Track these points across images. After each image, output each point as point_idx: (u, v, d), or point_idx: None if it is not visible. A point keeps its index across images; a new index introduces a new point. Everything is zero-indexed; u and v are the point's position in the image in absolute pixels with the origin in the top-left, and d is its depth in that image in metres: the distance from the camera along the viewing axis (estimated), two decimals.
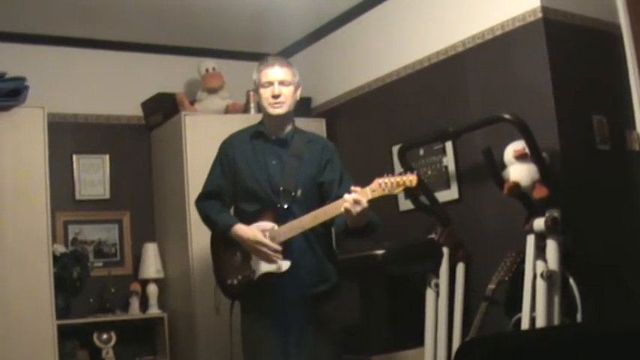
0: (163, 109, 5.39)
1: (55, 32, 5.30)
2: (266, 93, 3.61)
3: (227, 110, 5.44)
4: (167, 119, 5.37)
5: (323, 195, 3.59)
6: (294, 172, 3.60)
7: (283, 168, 3.61)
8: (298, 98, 3.74)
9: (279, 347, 3.55)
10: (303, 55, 5.90)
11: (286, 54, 5.89)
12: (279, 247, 3.48)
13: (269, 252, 3.47)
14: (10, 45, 5.12)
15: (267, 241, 3.47)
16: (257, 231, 3.51)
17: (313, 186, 3.61)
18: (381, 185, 3.27)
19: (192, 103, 5.45)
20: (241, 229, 3.55)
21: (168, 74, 5.69)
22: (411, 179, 3.24)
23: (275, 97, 3.58)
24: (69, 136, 5.34)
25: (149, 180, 5.63)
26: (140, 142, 5.61)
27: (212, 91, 5.49)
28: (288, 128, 3.71)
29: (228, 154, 3.73)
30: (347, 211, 3.28)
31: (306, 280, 3.55)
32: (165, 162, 5.44)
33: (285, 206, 3.55)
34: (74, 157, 5.37)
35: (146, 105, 5.53)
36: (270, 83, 3.60)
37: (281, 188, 3.56)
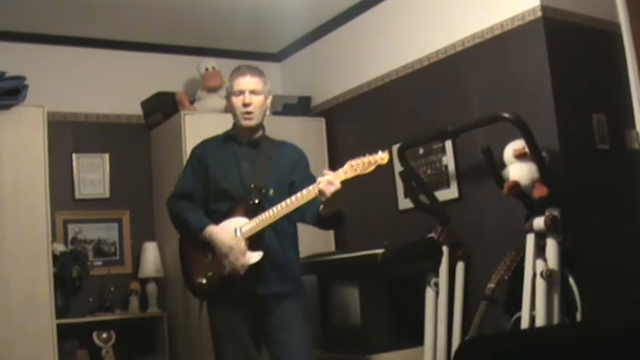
0: (163, 108, 5.39)
1: (54, 31, 5.30)
2: (237, 102, 3.71)
3: (226, 109, 5.43)
4: (167, 118, 5.37)
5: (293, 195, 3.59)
6: (265, 171, 3.68)
7: (254, 168, 3.68)
8: (269, 106, 3.86)
9: (250, 344, 3.61)
10: (302, 54, 5.89)
11: (285, 53, 5.90)
12: (245, 261, 3.51)
13: (234, 260, 3.51)
14: (9, 44, 5.12)
15: (236, 250, 3.51)
16: (231, 237, 3.54)
17: (284, 186, 3.67)
18: (352, 166, 3.28)
19: (192, 102, 5.45)
20: (215, 231, 3.60)
21: (168, 73, 5.70)
22: (382, 157, 3.24)
23: (245, 105, 3.67)
24: (69, 135, 5.34)
25: (149, 179, 5.63)
26: (140, 141, 5.61)
27: (212, 90, 5.49)
28: (259, 134, 3.80)
29: (199, 157, 3.81)
30: (321, 192, 3.29)
31: (277, 277, 3.60)
32: (164, 161, 5.44)
33: (256, 201, 3.59)
34: (74, 156, 5.37)
35: (146, 104, 5.53)
36: (242, 92, 3.69)
37: (252, 185, 3.62)
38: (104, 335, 5.05)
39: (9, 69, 4.62)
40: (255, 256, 3.51)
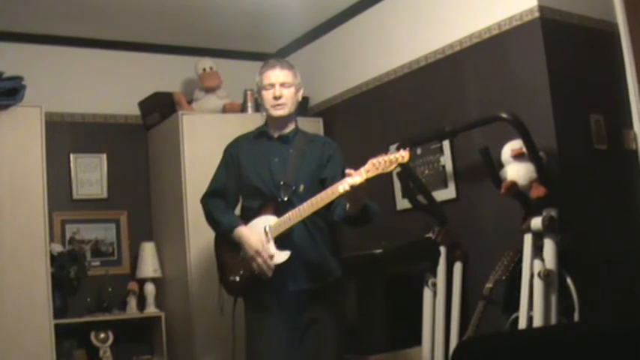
0: (161, 108, 5.38)
1: (52, 31, 5.29)
2: (268, 95, 3.70)
3: (224, 109, 5.43)
4: (164, 119, 5.36)
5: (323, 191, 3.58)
6: (295, 167, 3.66)
7: (285, 164, 3.68)
8: (300, 99, 3.83)
9: (282, 341, 3.58)
10: (300, 54, 5.89)
11: (283, 53, 5.89)
12: (272, 265, 3.52)
13: (262, 264, 3.51)
14: (7, 44, 5.11)
15: (264, 253, 3.51)
16: (259, 240, 3.54)
17: (315, 181, 3.65)
18: (374, 165, 3.27)
19: (190, 102, 5.45)
20: (244, 233, 3.60)
21: (166, 73, 5.69)
22: (403, 155, 3.23)
23: (276, 98, 3.67)
24: (66, 135, 5.33)
25: (146, 179, 5.62)
26: (137, 141, 5.61)
27: (209, 90, 5.49)
28: (291, 127, 3.79)
29: (232, 154, 3.82)
30: (345, 192, 3.29)
31: (308, 274, 3.59)
32: (162, 161, 5.44)
33: (285, 199, 3.59)
34: (71, 156, 5.37)
35: (143, 104, 5.52)
36: (272, 85, 3.69)
37: (281, 182, 3.62)
38: (102, 335, 5.05)
39: (7, 69, 4.61)
40: (282, 256, 3.52)
